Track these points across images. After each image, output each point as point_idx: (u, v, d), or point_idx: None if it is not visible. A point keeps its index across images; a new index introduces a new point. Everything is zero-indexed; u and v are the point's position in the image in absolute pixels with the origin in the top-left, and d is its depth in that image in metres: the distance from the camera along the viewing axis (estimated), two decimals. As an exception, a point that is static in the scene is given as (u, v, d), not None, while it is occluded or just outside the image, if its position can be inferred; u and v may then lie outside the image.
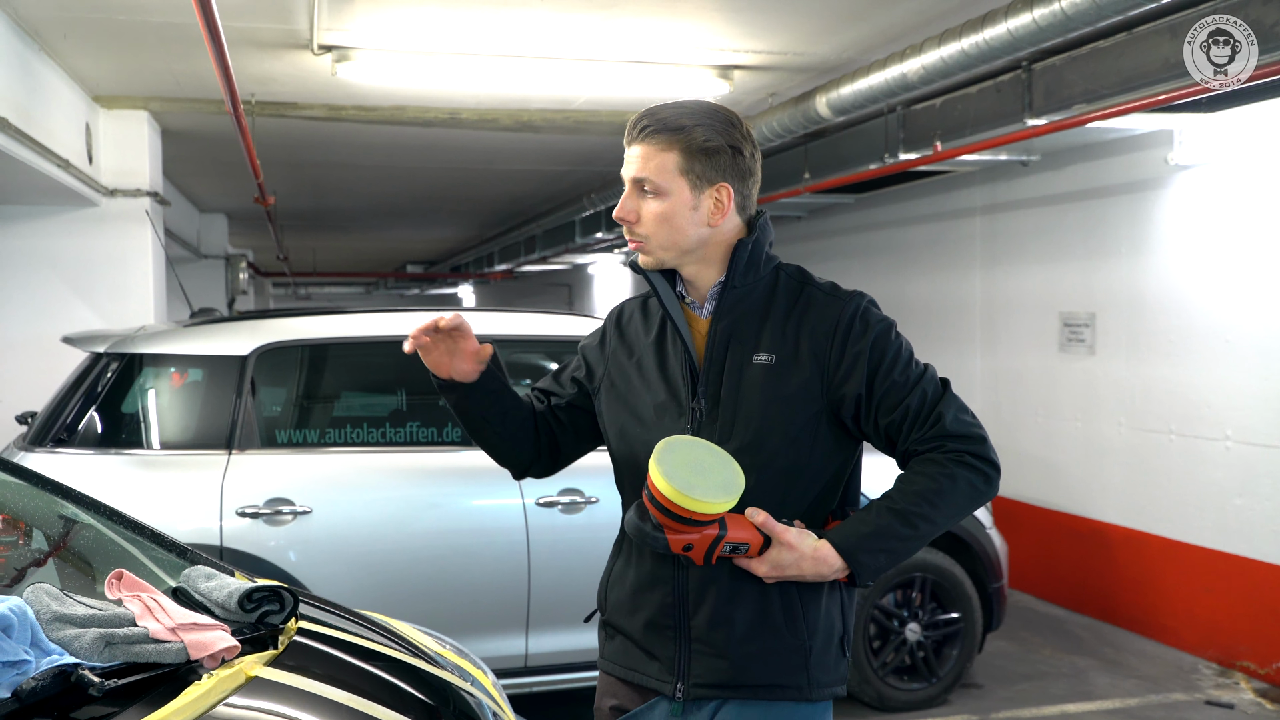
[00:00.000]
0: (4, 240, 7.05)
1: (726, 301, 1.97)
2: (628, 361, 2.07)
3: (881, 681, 4.89)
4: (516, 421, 2.12)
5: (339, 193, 11.95)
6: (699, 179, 1.93)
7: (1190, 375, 5.93)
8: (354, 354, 4.61)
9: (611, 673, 2.07)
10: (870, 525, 1.87)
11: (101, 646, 1.70)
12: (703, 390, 1.95)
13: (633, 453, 2.01)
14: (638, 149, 1.94)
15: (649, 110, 1.95)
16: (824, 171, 7.59)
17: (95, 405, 4.13)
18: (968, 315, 7.83)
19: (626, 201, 1.96)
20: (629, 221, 1.96)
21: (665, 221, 1.93)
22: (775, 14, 5.09)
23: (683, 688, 1.94)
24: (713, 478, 1.79)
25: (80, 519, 2.46)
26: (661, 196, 1.93)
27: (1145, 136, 6.17)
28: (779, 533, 1.84)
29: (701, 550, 1.82)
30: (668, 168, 1.91)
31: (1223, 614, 5.75)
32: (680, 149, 1.91)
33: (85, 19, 5.20)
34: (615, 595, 2.06)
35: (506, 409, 2.10)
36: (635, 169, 1.94)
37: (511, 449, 2.15)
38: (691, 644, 1.94)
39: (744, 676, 1.91)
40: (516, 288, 21.89)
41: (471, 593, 4.26)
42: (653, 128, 1.92)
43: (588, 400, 2.15)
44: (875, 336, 1.92)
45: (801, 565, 1.84)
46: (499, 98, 6.79)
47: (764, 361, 1.93)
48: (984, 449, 1.91)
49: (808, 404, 1.92)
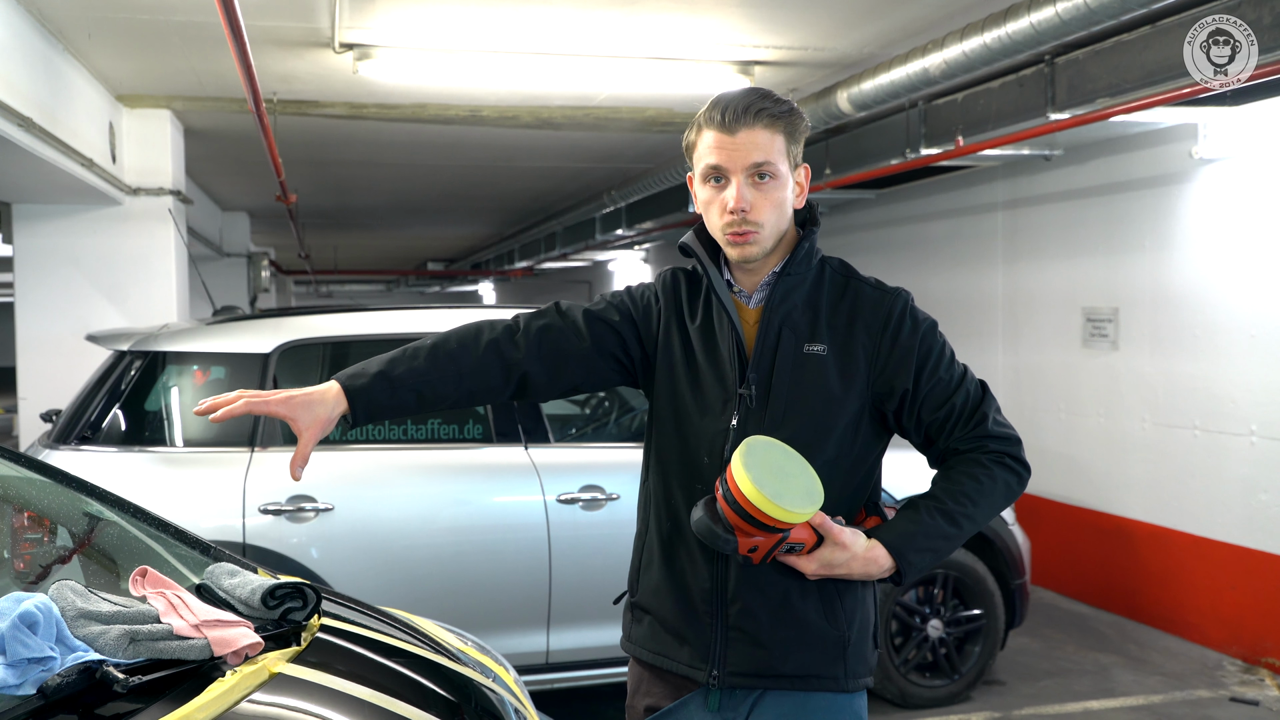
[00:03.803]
0: (28, 239, 7.10)
1: (780, 290, 1.94)
2: (680, 343, 2.02)
3: (903, 678, 4.88)
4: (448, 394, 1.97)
5: (360, 191, 11.98)
6: (793, 162, 1.92)
7: (1214, 370, 5.88)
8: (375, 351, 4.58)
9: (640, 658, 2.06)
10: (919, 524, 1.88)
11: (126, 643, 1.70)
12: (753, 377, 1.92)
13: (679, 436, 1.98)
14: (747, 133, 1.86)
15: (748, 92, 1.89)
16: (845, 167, 7.57)
17: (119, 403, 4.16)
18: (990, 310, 7.80)
19: (744, 190, 1.86)
20: (745, 211, 1.87)
21: (779, 207, 1.91)
22: (795, 9, 5.07)
23: (718, 675, 1.92)
24: (796, 484, 1.76)
25: (104, 516, 2.47)
26: (775, 181, 1.89)
27: (1169, 130, 6.12)
28: (835, 533, 1.83)
29: (764, 552, 1.81)
30: (780, 150, 1.89)
31: (1248, 610, 5.70)
32: (784, 131, 1.89)
33: (109, 18, 5.23)
34: (648, 579, 2.04)
35: (418, 396, 1.95)
36: (753, 154, 1.86)
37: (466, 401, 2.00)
38: (728, 631, 1.92)
39: (782, 666, 1.91)
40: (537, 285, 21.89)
41: (493, 589, 4.27)
42: (768, 110, 1.87)
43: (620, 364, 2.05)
44: (924, 334, 1.94)
45: (852, 565, 1.85)
46: (520, 95, 6.79)
47: (816, 352, 1.92)
48: (1020, 451, 1.96)
49: (855, 396, 1.92)
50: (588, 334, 2.02)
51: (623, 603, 2.16)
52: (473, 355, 1.98)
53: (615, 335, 2.04)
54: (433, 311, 4.67)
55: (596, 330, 2.03)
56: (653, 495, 2.05)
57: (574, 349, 2.02)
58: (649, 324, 2.05)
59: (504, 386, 2.00)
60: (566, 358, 2.02)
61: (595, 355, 2.02)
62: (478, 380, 1.98)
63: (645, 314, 2.06)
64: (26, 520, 2.46)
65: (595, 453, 4.69)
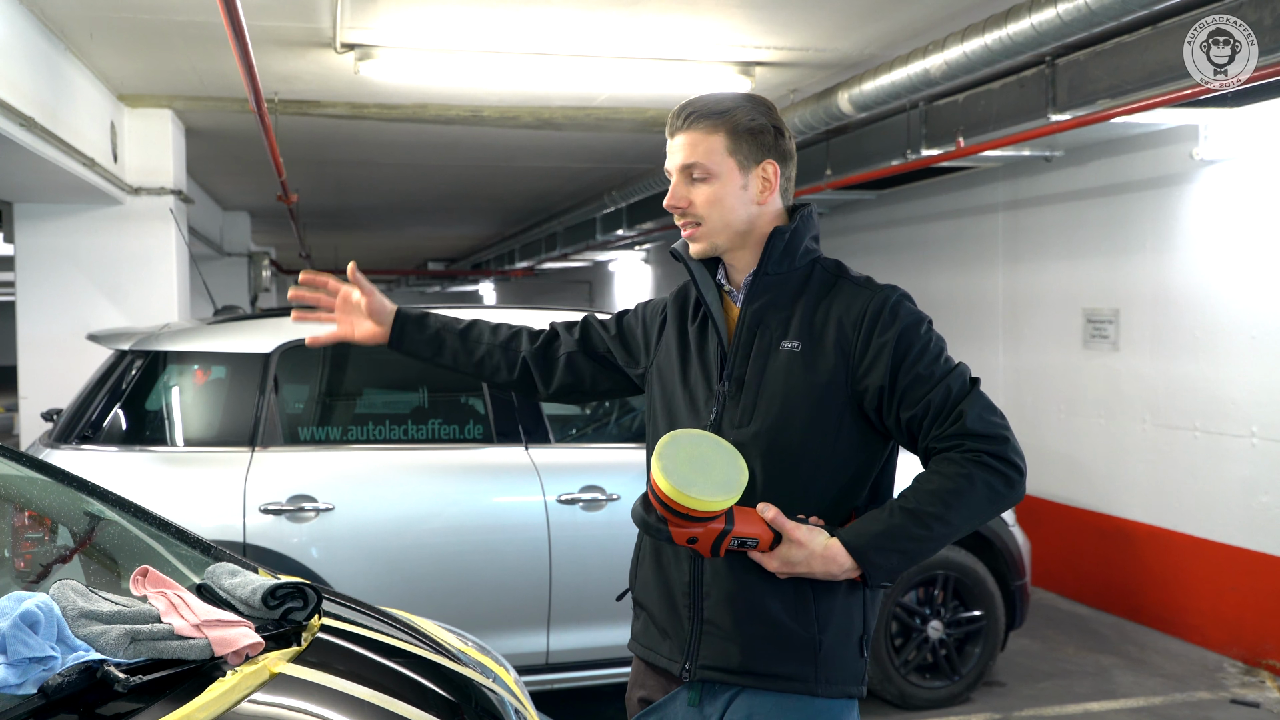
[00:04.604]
0: (30, 238, 7.11)
1: (758, 288, 1.99)
2: (674, 345, 2.10)
3: (903, 679, 4.88)
4: (467, 350, 2.29)
5: (361, 190, 11.99)
6: (746, 159, 1.96)
7: (1215, 371, 5.88)
8: (376, 351, 4.61)
9: (638, 654, 2.10)
10: (882, 524, 1.84)
11: (127, 643, 1.70)
12: (728, 373, 1.97)
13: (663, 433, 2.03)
14: (683, 137, 1.97)
15: (689, 100, 1.99)
16: (846, 167, 7.57)
17: (120, 402, 4.16)
18: (990, 311, 7.80)
19: (677, 189, 1.99)
20: (680, 208, 1.99)
21: (717, 203, 1.96)
22: (796, 10, 5.07)
23: (690, 668, 1.95)
24: (714, 475, 1.77)
25: (105, 516, 2.47)
26: (711, 179, 1.96)
27: (1170, 131, 6.12)
28: (788, 529, 1.82)
29: (707, 543, 1.81)
30: (716, 150, 1.95)
31: (1248, 612, 5.70)
32: (726, 131, 1.95)
33: (110, 18, 5.23)
34: (642, 573, 2.09)
35: (441, 341, 2.30)
36: (683, 156, 1.97)
37: (479, 371, 2.32)
38: (703, 625, 1.95)
39: (750, 663, 1.91)
40: (537, 285, 21.90)
41: (493, 589, 4.27)
42: (697, 113, 1.96)
43: (633, 368, 2.24)
44: (903, 329, 1.89)
45: (811, 563, 1.82)
46: (521, 95, 6.79)
47: (790, 348, 1.93)
48: (1004, 449, 1.85)
49: (832, 393, 1.91)
50: (579, 336, 2.29)
51: (626, 600, 2.18)
52: (501, 332, 2.32)
53: (605, 339, 2.27)
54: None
55: (590, 335, 2.29)
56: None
57: (563, 349, 2.29)
58: (650, 332, 2.20)
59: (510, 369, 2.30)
60: (556, 358, 2.29)
61: (582, 355, 2.28)
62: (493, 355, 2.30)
63: (649, 322, 2.22)
64: (27, 520, 2.46)
65: (596, 453, 4.70)
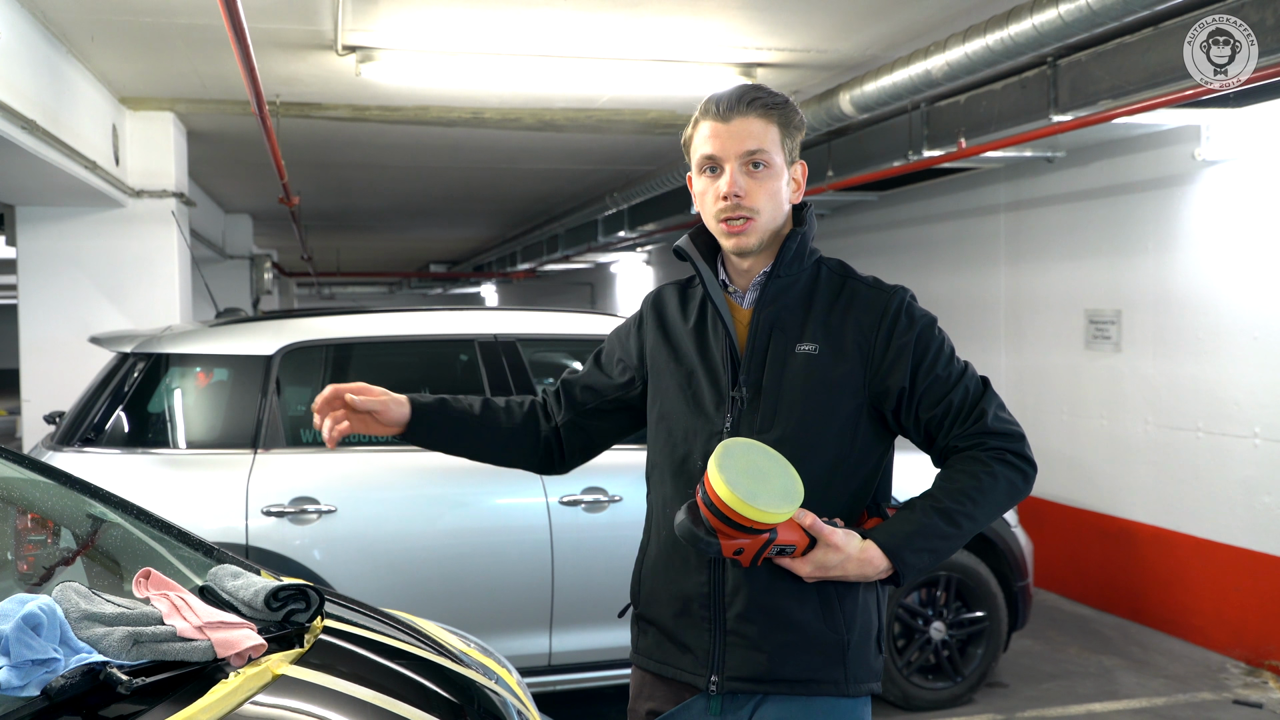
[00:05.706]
0: (31, 241, 7.11)
1: (770, 291, 1.95)
2: (667, 349, 2.05)
3: (906, 680, 4.87)
4: (487, 439, 2.14)
5: (363, 193, 12.00)
6: (788, 156, 1.94)
7: (1218, 372, 5.88)
8: (378, 353, 4.63)
9: (646, 668, 2.05)
10: (915, 524, 1.83)
11: (129, 645, 1.70)
12: (744, 379, 1.93)
13: (672, 441, 1.99)
14: (741, 122, 1.89)
15: (742, 87, 1.93)
16: (847, 169, 7.57)
17: (122, 405, 4.16)
18: (992, 313, 7.79)
19: (738, 177, 1.88)
20: (739, 197, 1.89)
21: (774, 197, 1.92)
22: (797, 11, 5.07)
23: (717, 680, 1.91)
24: (773, 485, 1.74)
25: (108, 518, 2.47)
26: (770, 170, 1.91)
27: (1172, 132, 6.12)
28: (826, 534, 1.80)
29: (751, 554, 1.78)
30: (775, 140, 1.91)
31: (1251, 613, 5.70)
32: (779, 123, 1.91)
33: (112, 21, 5.23)
34: (649, 587, 2.03)
35: (460, 433, 2.12)
36: (746, 142, 1.89)
37: (500, 457, 2.19)
38: (726, 635, 1.91)
39: (780, 670, 1.89)
40: (539, 287, 21.92)
41: (496, 591, 4.27)
42: (761, 100, 1.90)
43: (631, 390, 2.14)
44: (920, 330, 1.91)
45: (846, 566, 1.81)
46: (522, 97, 6.80)
47: (807, 351, 1.91)
48: (1023, 447, 1.90)
49: (850, 395, 1.90)
50: (564, 404, 2.18)
51: (628, 615, 2.15)
52: (515, 412, 2.18)
53: (588, 384, 2.18)
54: (434, 313, 4.68)
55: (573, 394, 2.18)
56: (652, 504, 2.06)
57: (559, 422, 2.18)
58: (629, 349, 2.14)
59: (534, 449, 2.18)
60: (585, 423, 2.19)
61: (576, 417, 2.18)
62: (512, 437, 2.16)
63: (626, 341, 2.16)
64: (30, 522, 2.46)
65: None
